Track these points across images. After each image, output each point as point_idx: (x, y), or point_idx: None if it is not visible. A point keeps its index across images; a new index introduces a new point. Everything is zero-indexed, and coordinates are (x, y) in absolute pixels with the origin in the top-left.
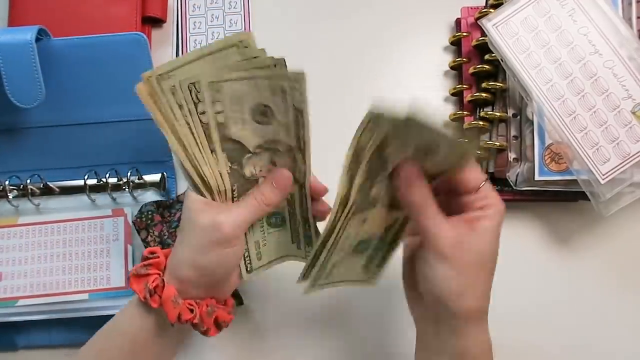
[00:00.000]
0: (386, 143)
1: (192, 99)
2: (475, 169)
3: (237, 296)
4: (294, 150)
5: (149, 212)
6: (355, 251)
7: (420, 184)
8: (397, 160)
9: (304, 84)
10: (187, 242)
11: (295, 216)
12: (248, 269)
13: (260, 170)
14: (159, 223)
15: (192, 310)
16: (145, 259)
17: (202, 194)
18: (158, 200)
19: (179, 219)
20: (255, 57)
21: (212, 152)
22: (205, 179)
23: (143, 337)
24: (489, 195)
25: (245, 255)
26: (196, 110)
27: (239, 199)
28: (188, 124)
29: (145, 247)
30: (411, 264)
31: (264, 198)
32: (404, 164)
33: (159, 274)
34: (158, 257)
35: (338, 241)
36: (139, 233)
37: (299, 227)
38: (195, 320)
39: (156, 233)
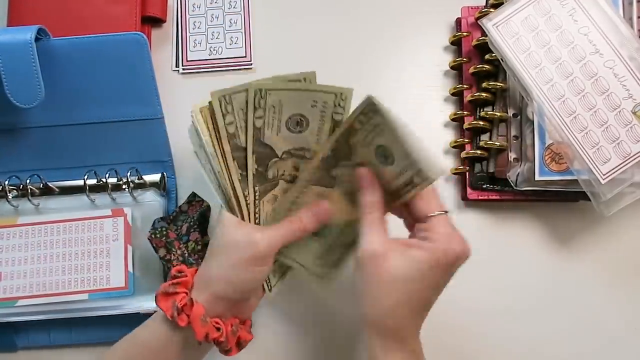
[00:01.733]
0: (353, 132)
1: (254, 103)
2: (429, 198)
3: None
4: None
5: (163, 229)
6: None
7: (371, 188)
8: (360, 156)
9: (349, 100)
10: (221, 258)
11: (349, 231)
12: (269, 288)
13: (283, 174)
14: (175, 240)
15: (218, 329)
16: (173, 277)
17: (236, 214)
18: (163, 217)
19: (188, 233)
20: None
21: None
22: (239, 199)
23: (168, 354)
24: (437, 230)
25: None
26: (254, 114)
27: (274, 221)
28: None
29: (165, 264)
30: None
31: (300, 224)
32: (366, 166)
33: (186, 293)
34: (186, 276)
35: (295, 203)
36: (156, 251)
37: (339, 246)
38: (222, 339)
39: (179, 252)
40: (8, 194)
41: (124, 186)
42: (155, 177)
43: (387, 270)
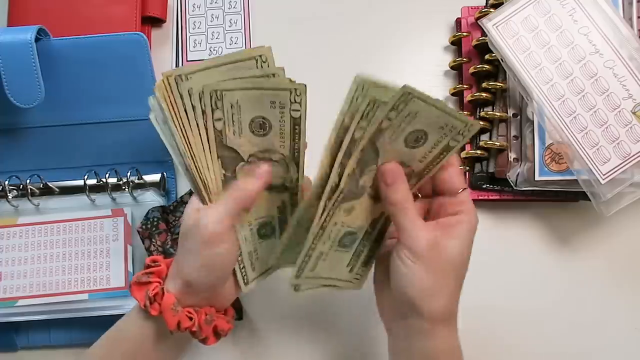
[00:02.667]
0: (379, 133)
1: (211, 105)
2: (458, 172)
3: (237, 310)
4: (287, 160)
5: (155, 219)
6: (341, 245)
7: (401, 184)
8: (388, 152)
9: (304, 96)
10: (183, 248)
11: (286, 223)
12: (245, 281)
13: None
14: (163, 232)
15: (191, 318)
16: (147, 267)
17: (202, 197)
18: (163, 206)
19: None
20: (273, 75)
21: (217, 158)
22: (206, 182)
23: (145, 345)
24: (466, 203)
25: (241, 267)
26: (213, 115)
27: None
28: (198, 126)
29: (148, 255)
30: (384, 264)
31: (245, 191)
32: (388, 162)
33: (159, 282)
34: (159, 265)
35: (325, 228)
36: (143, 242)
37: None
38: (194, 328)
39: (159, 242)
40: (8, 194)
41: (124, 186)
42: (155, 177)
43: (444, 257)
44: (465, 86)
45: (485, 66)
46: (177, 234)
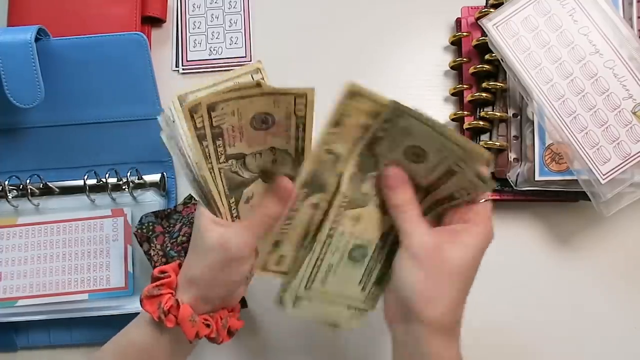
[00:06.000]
0: (376, 141)
1: (210, 118)
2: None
3: (241, 299)
4: (291, 153)
5: (150, 223)
6: (351, 257)
7: (403, 186)
8: (387, 160)
9: (310, 102)
10: (199, 261)
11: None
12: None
13: (257, 172)
14: (160, 234)
15: (208, 325)
16: (156, 279)
17: (214, 211)
18: (156, 211)
19: (180, 230)
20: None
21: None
22: (217, 195)
23: (158, 354)
24: (481, 214)
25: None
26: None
27: (241, 215)
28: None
29: (148, 259)
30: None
31: (266, 211)
32: (389, 166)
33: (171, 294)
34: (169, 276)
35: (332, 236)
36: (141, 245)
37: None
38: (213, 335)
39: (158, 246)
40: (8, 194)
41: (124, 186)
42: (155, 177)
43: (446, 262)
44: (465, 86)
45: (485, 66)
46: (175, 238)
